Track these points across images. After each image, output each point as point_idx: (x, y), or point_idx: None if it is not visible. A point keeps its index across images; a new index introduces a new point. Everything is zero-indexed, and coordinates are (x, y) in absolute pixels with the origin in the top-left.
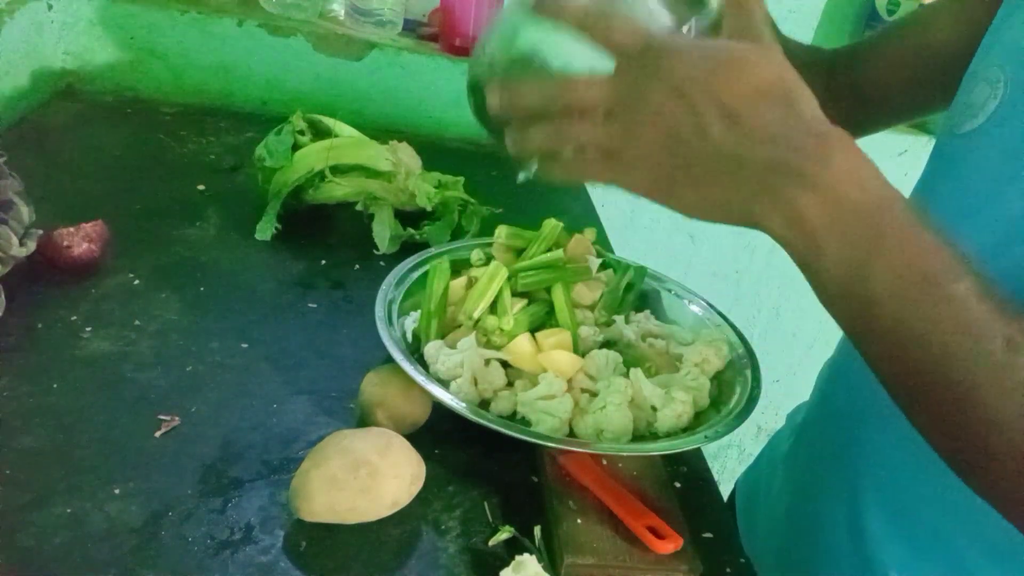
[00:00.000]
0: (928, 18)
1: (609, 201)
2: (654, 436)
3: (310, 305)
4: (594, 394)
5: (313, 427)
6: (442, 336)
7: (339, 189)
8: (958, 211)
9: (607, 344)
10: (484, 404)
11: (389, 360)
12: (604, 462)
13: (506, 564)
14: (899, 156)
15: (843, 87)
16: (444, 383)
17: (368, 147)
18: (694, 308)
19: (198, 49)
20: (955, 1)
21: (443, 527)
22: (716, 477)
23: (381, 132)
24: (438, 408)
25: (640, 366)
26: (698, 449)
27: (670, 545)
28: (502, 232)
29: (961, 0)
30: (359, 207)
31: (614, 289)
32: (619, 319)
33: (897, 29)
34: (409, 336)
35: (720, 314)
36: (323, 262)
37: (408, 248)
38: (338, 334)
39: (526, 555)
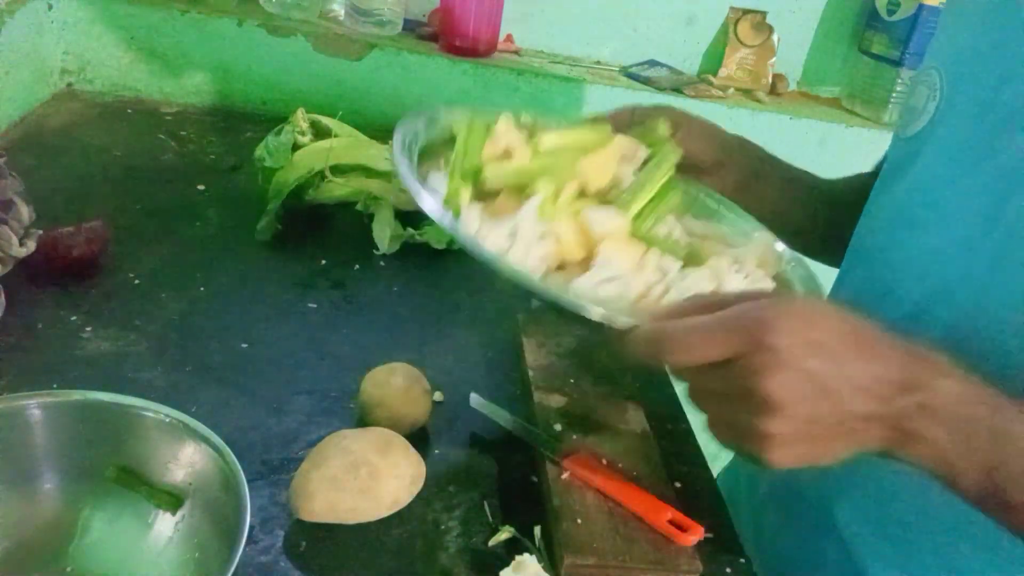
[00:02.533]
0: None
1: None
2: None
3: (310, 305)
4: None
5: (313, 427)
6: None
7: (339, 189)
8: (911, 214)
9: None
10: None
11: (389, 360)
12: (604, 462)
13: (506, 564)
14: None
15: (845, 219)
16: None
17: (368, 147)
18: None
19: (198, 49)
20: None
21: (443, 527)
22: (716, 476)
23: (381, 132)
24: (438, 408)
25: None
26: (698, 448)
27: (692, 536)
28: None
29: None
30: (359, 207)
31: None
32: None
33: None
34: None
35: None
36: (323, 262)
37: (408, 248)
38: (338, 334)
39: (526, 555)
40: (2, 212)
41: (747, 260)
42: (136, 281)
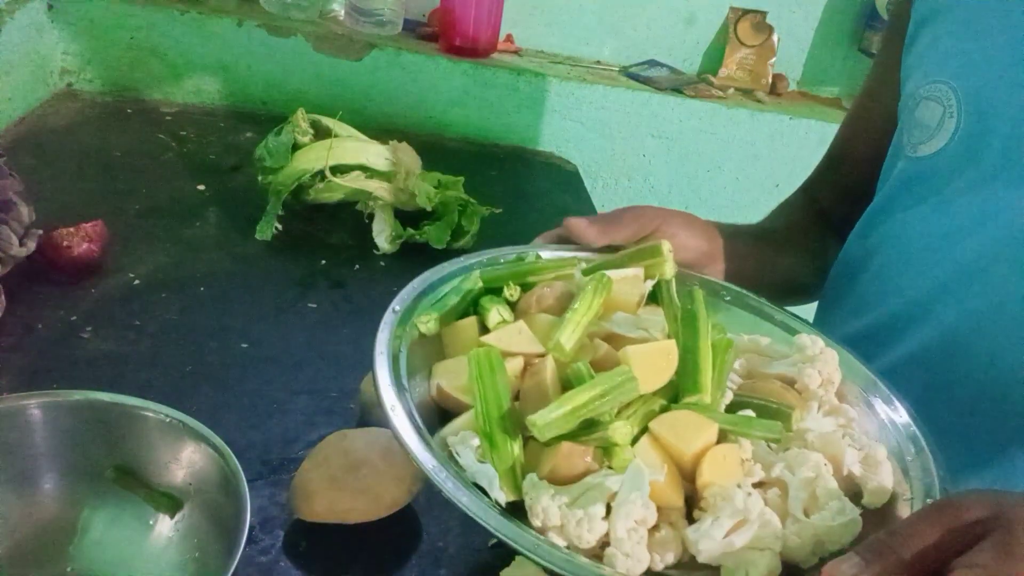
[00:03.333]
0: (851, 133)
1: (609, 202)
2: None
3: (310, 305)
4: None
5: (313, 427)
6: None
7: (339, 189)
8: (937, 232)
9: None
10: None
11: None
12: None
13: (506, 564)
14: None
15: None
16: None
17: (368, 147)
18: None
19: (198, 49)
20: (863, 104)
21: (443, 527)
22: None
23: (381, 132)
24: None
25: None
26: None
27: None
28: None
29: (869, 96)
30: (359, 207)
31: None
32: None
33: (833, 154)
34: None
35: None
36: (323, 262)
37: (408, 248)
38: (338, 334)
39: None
40: (2, 212)
41: (826, 393)
42: (136, 281)
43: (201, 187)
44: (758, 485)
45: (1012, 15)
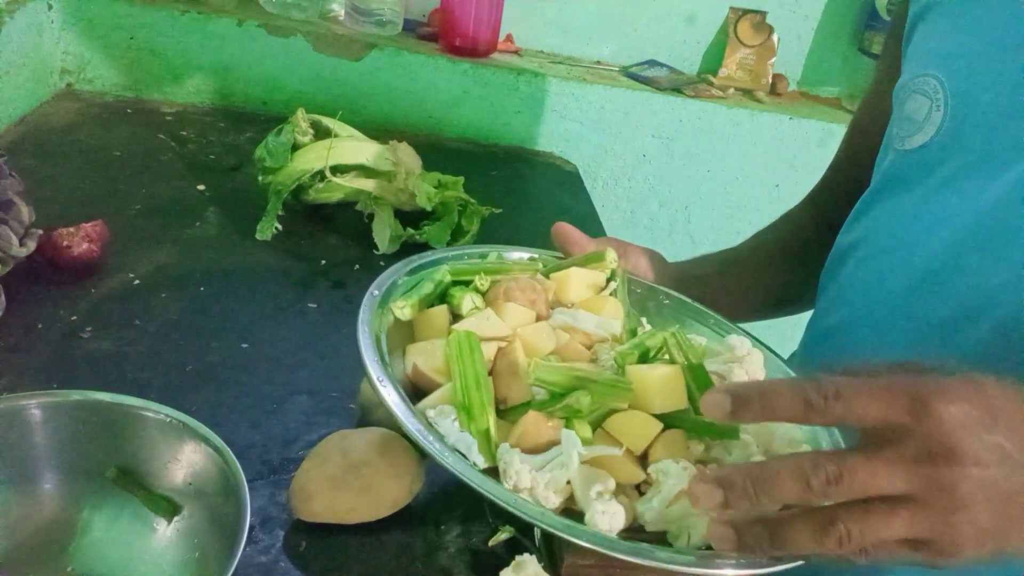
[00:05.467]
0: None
1: (609, 202)
2: None
3: (310, 305)
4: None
5: (313, 427)
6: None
7: (339, 189)
8: (918, 223)
9: None
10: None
11: None
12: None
13: (506, 564)
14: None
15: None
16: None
17: (368, 147)
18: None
19: (198, 49)
20: (866, 106)
21: (443, 527)
22: None
23: (381, 132)
24: None
25: None
26: None
27: None
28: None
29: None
30: (359, 207)
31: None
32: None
33: (838, 158)
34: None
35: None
36: (323, 262)
37: (408, 248)
38: (338, 334)
39: (526, 555)
40: (2, 212)
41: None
42: (136, 281)
43: (201, 187)
44: (700, 463)
45: (999, 9)
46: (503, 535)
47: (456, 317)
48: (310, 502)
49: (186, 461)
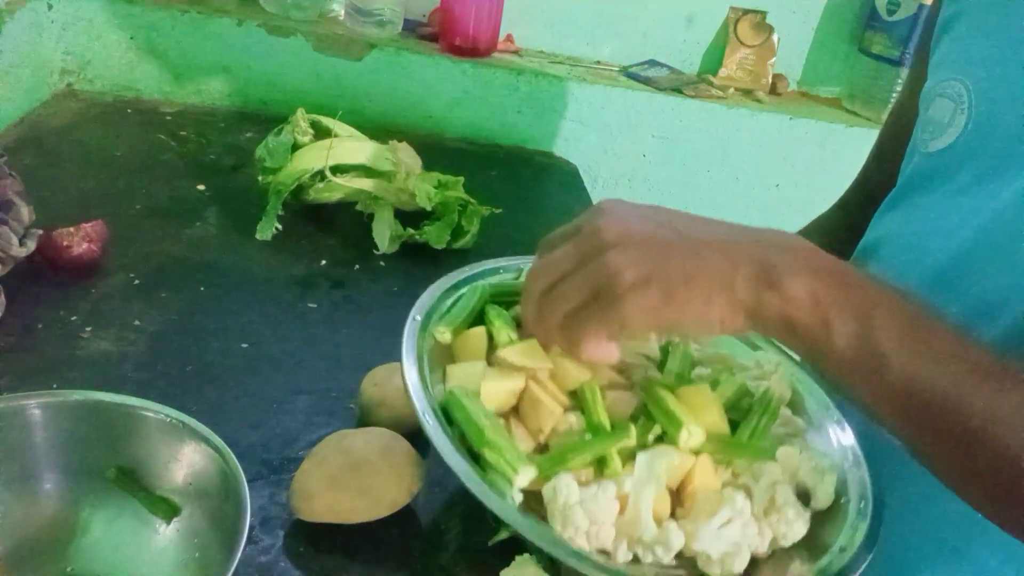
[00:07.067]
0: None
1: None
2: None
3: (310, 305)
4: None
5: (313, 427)
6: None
7: (339, 189)
8: (938, 224)
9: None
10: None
11: (389, 360)
12: None
13: (506, 564)
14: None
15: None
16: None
17: (368, 147)
18: None
19: (198, 49)
20: (895, 113)
21: (443, 527)
22: None
23: (381, 132)
24: None
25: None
26: None
27: None
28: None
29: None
30: (359, 207)
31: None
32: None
33: (868, 164)
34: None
35: None
36: (323, 262)
37: (408, 248)
38: (338, 334)
39: (526, 555)
40: (2, 212)
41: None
42: (136, 281)
43: (201, 187)
44: (728, 486)
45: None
46: (503, 535)
47: (492, 338)
48: (310, 502)
49: (186, 461)
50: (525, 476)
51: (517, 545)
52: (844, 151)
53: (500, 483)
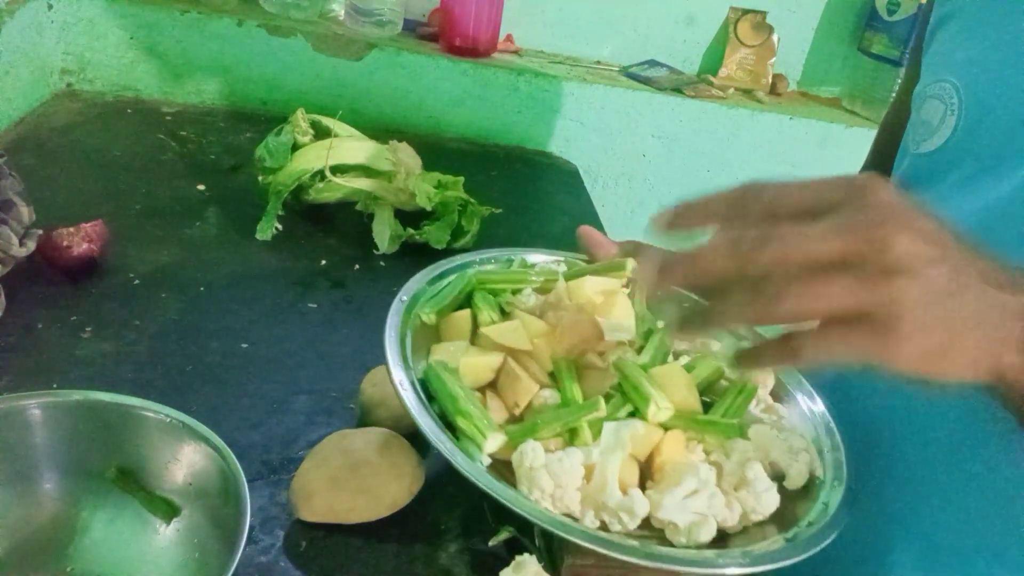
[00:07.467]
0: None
1: (609, 202)
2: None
3: (310, 305)
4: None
5: (313, 427)
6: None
7: (339, 189)
8: None
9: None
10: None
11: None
12: None
13: (506, 564)
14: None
15: None
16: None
17: (368, 147)
18: None
19: (198, 49)
20: (891, 113)
21: (443, 527)
22: None
23: (381, 132)
24: None
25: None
26: None
27: None
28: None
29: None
30: (359, 207)
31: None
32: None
33: (868, 166)
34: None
35: None
36: (323, 262)
37: (408, 248)
38: (338, 334)
39: (526, 555)
40: (2, 212)
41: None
42: (136, 281)
43: (201, 187)
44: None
45: (1015, 18)
46: (503, 535)
47: (476, 322)
48: (310, 502)
49: (186, 461)
50: (494, 442)
51: (517, 545)
52: (844, 151)
53: (471, 449)
